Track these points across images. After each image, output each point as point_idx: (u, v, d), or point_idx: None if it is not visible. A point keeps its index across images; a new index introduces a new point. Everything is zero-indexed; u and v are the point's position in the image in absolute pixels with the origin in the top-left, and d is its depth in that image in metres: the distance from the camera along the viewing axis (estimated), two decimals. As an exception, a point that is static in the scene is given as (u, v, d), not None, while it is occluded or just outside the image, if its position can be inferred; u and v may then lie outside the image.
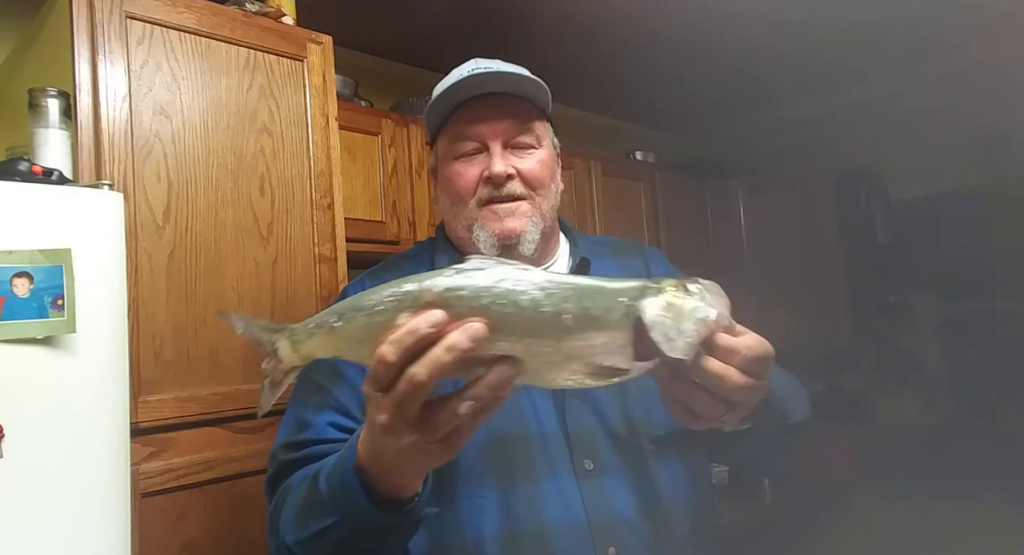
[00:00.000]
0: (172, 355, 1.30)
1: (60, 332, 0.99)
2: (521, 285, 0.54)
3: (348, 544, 0.69)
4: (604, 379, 0.56)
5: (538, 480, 0.83)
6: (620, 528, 0.83)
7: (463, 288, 0.54)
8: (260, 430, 1.40)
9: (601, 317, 0.54)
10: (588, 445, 0.86)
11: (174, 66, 1.37)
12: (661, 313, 0.54)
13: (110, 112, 1.27)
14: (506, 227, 0.91)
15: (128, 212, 1.24)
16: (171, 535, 1.26)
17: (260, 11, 1.54)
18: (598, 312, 0.54)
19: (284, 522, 0.76)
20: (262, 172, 1.47)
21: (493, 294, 0.53)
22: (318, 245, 1.54)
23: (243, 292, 1.40)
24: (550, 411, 0.87)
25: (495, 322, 0.53)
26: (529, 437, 0.85)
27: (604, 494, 0.84)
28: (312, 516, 0.71)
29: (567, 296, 0.54)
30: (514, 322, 0.53)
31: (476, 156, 0.93)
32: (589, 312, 0.53)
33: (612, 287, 0.55)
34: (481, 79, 0.92)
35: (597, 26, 2.50)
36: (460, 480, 0.83)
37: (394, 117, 2.15)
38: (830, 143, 3.43)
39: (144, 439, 1.23)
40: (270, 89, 1.50)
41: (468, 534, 0.81)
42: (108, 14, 1.29)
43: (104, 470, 1.04)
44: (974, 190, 3.13)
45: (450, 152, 0.95)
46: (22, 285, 0.96)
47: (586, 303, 0.54)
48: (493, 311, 0.53)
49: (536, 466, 0.84)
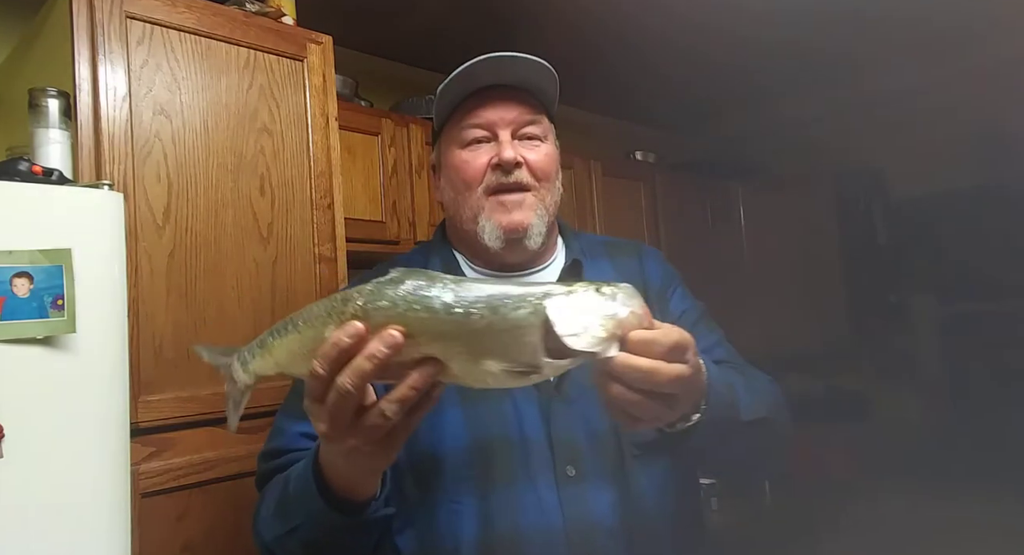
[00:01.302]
0: (172, 355, 1.30)
1: (60, 332, 0.99)
2: (433, 291, 0.57)
3: (315, 543, 0.76)
4: (523, 378, 0.59)
5: (517, 487, 0.83)
6: (598, 535, 0.82)
7: (381, 298, 0.58)
8: (260, 430, 1.39)
9: (509, 316, 0.56)
10: (571, 451, 0.85)
11: (174, 66, 1.37)
12: (566, 309, 0.57)
13: (110, 112, 1.27)
14: (513, 220, 0.91)
15: (128, 212, 1.24)
16: (171, 535, 1.26)
17: (260, 11, 1.54)
18: (506, 311, 0.56)
19: (262, 521, 0.83)
20: (262, 172, 1.47)
21: (407, 302, 0.57)
22: (318, 245, 1.54)
23: (243, 292, 1.40)
24: (535, 417, 0.86)
25: (412, 328, 0.57)
26: (511, 443, 0.85)
27: (584, 501, 0.83)
28: (282, 517, 0.78)
29: (478, 298, 0.57)
30: (429, 326, 0.57)
31: (484, 144, 0.93)
32: (497, 311, 0.56)
33: (521, 291, 0.58)
34: (495, 63, 0.90)
35: (597, 26, 2.50)
36: (441, 486, 0.84)
37: (394, 117, 2.15)
38: (830, 143, 3.43)
39: (144, 439, 1.23)
40: (270, 89, 1.50)
41: (447, 540, 0.82)
42: (108, 14, 1.29)
43: (104, 470, 1.04)
44: (974, 190, 3.13)
45: (457, 140, 0.94)
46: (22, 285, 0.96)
47: (495, 303, 0.57)
48: (410, 317, 0.57)
49: (516, 472, 0.84)
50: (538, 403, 0.87)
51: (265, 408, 1.39)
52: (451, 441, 0.85)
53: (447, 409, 0.85)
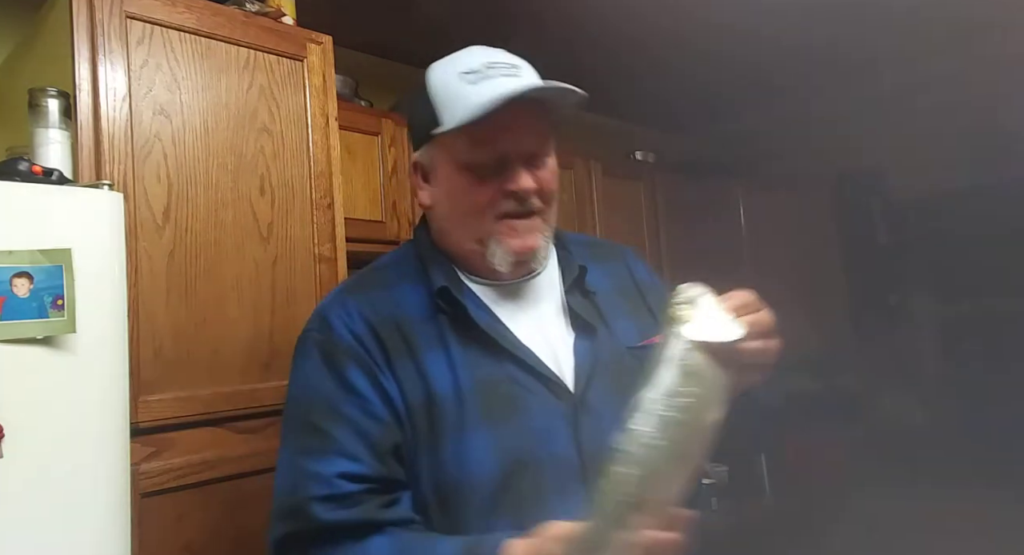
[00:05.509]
0: (172, 355, 1.30)
1: (60, 332, 0.99)
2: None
3: None
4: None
5: (548, 508, 0.79)
6: None
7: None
8: (260, 430, 1.40)
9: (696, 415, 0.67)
10: (601, 459, 0.84)
11: (174, 66, 1.37)
12: (693, 331, 0.68)
13: (110, 112, 1.27)
14: (525, 244, 0.88)
15: (128, 212, 1.24)
16: (171, 535, 1.26)
17: (260, 11, 1.54)
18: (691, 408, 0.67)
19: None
20: (262, 172, 1.47)
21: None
22: (318, 245, 1.54)
23: (243, 292, 1.40)
24: (563, 432, 0.83)
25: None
26: (541, 462, 0.82)
27: None
28: None
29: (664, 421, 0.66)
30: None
31: (493, 167, 0.86)
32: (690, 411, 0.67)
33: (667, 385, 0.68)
34: (524, 98, 0.81)
35: (597, 26, 2.50)
36: (470, 516, 0.80)
37: (394, 117, 2.15)
38: (830, 143, 3.43)
39: (144, 439, 1.23)
40: (270, 89, 1.50)
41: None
42: (108, 14, 1.29)
43: (104, 470, 1.04)
44: (974, 190, 3.13)
45: (461, 158, 0.86)
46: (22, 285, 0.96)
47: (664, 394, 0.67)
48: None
49: (547, 492, 0.81)
50: (564, 416, 0.84)
51: (265, 408, 1.40)
52: (477, 466, 0.80)
53: (471, 434, 0.80)
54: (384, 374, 0.82)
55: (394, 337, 0.84)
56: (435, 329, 0.85)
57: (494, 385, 0.83)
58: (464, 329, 0.85)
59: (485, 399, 0.82)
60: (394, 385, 0.82)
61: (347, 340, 0.84)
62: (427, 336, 0.85)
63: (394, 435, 0.80)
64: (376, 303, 0.87)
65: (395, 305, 0.87)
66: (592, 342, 0.89)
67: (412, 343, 0.84)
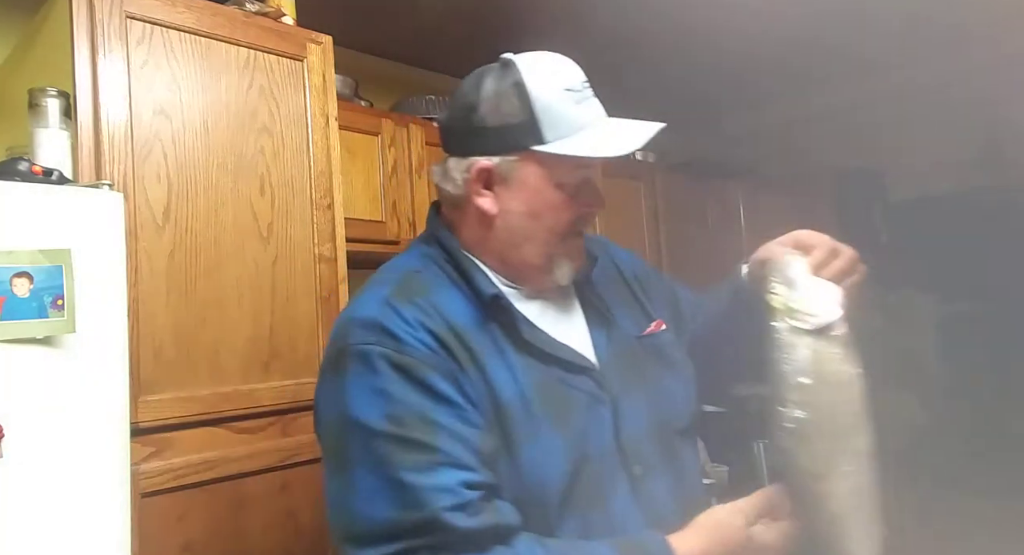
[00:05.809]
0: (172, 355, 1.30)
1: (60, 332, 0.99)
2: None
3: None
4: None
5: (606, 497, 0.83)
6: (668, 527, 0.82)
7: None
8: (260, 430, 1.40)
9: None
10: (638, 448, 0.86)
11: (174, 66, 1.37)
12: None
13: (110, 112, 1.27)
14: (584, 259, 0.94)
15: (128, 212, 1.24)
16: (171, 535, 1.26)
17: (260, 11, 1.54)
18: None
19: None
20: (262, 172, 1.47)
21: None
22: (318, 245, 1.54)
23: (243, 292, 1.40)
24: (607, 422, 0.86)
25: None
26: (598, 454, 0.83)
27: (654, 497, 0.85)
28: None
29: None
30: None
31: (577, 186, 0.91)
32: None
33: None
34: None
35: (596, 26, 2.50)
36: (546, 513, 0.80)
37: (394, 117, 2.15)
38: (830, 143, 3.43)
39: (144, 439, 1.23)
40: (270, 89, 1.50)
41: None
42: (108, 14, 1.29)
43: (104, 470, 1.04)
44: (974, 190, 3.13)
45: (559, 177, 0.89)
46: (22, 285, 0.96)
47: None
48: None
49: (603, 483, 0.83)
50: (606, 407, 0.86)
51: (265, 408, 1.40)
52: (552, 469, 0.81)
53: (542, 438, 0.81)
54: (465, 380, 0.81)
55: (457, 345, 0.82)
56: (489, 336, 0.85)
57: (550, 388, 0.84)
58: (515, 335, 0.85)
59: (545, 402, 0.83)
60: (472, 392, 0.81)
61: (421, 350, 0.80)
62: (483, 343, 0.84)
63: (491, 440, 0.79)
64: (426, 310, 0.83)
65: (443, 312, 0.84)
66: (607, 332, 0.93)
67: (473, 351, 0.82)
